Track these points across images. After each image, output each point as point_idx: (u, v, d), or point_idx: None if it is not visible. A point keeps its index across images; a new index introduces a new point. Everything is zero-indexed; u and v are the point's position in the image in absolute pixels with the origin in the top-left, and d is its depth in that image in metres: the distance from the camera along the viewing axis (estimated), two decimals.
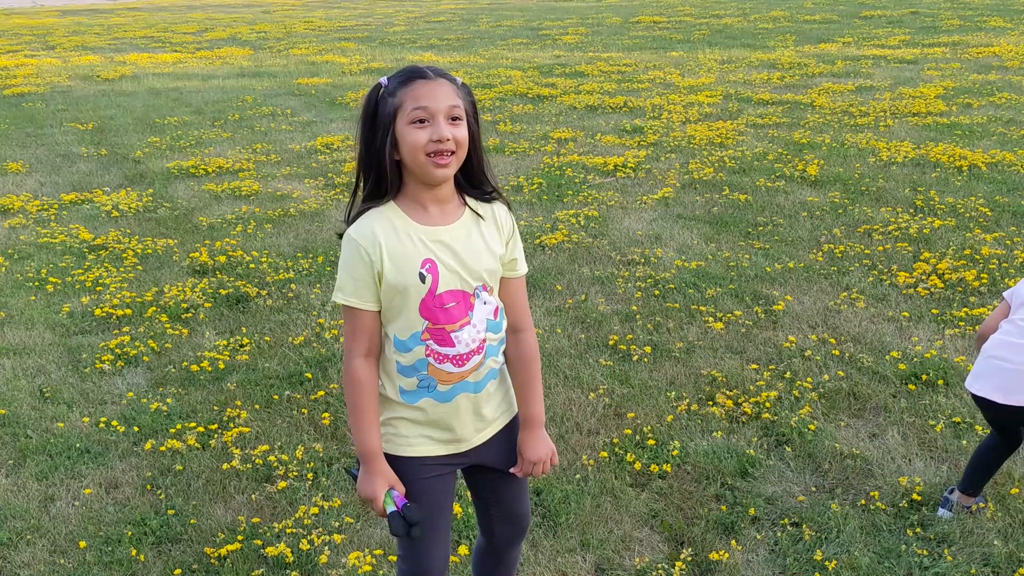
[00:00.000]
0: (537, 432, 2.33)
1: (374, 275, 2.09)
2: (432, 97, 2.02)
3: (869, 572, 3.00)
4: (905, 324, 4.81)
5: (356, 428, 2.19)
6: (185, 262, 6.15)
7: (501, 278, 2.23)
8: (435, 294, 2.10)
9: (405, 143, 2.03)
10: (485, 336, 2.18)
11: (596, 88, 12.58)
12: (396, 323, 2.13)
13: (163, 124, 11.01)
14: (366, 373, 2.16)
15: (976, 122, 9.52)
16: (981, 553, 3.07)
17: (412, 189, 2.11)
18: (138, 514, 3.49)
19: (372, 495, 2.20)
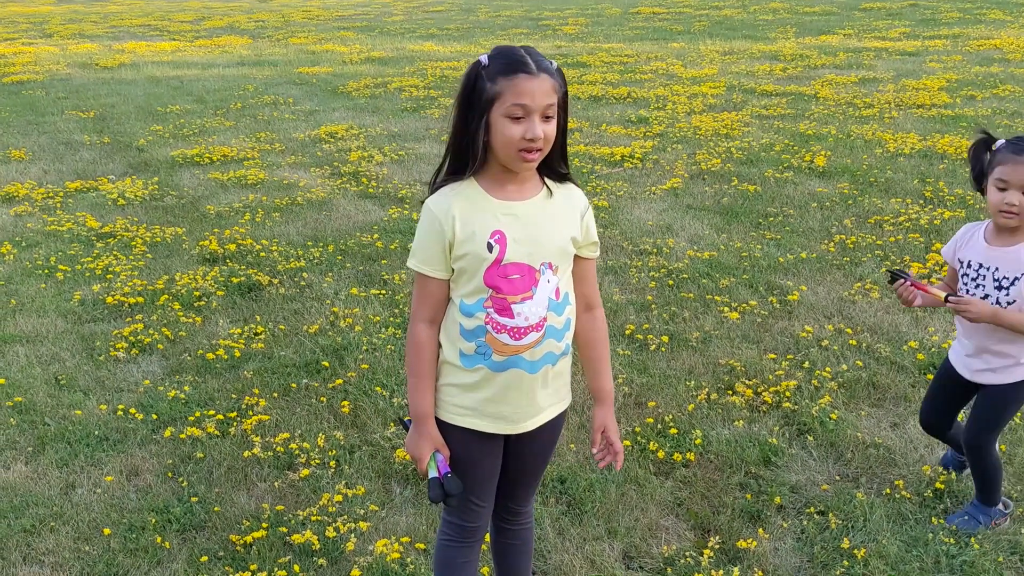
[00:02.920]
0: (611, 406, 2.43)
1: (445, 245, 2.17)
2: (531, 95, 2.06)
3: (897, 560, 3.01)
4: (921, 315, 4.82)
5: (412, 389, 2.28)
6: (195, 250, 6.13)
7: (577, 258, 2.29)
8: (500, 264, 2.16)
9: (499, 134, 2.09)
10: (546, 315, 2.21)
11: (599, 79, 12.55)
12: (463, 288, 2.20)
13: (165, 112, 10.96)
14: (427, 338, 2.25)
15: (981, 114, 9.53)
16: (1008, 542, 3.08)
17: (494, 169, 2.18)
18: (161, 501, 3.48)
19: (418, 455, 2.30)
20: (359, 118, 10.53)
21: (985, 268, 2.86)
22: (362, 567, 3.06)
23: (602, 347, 2.41)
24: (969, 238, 2.95)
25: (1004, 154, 2.75)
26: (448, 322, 2.26)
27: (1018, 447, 3.61)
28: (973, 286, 2.89)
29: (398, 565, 3.06)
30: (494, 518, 2.60)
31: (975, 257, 2.89)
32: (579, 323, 2.35)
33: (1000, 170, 2.73)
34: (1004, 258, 2.82)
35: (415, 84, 12.61)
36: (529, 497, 2.60)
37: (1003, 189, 2.72)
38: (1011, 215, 2.73)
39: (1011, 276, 2.81)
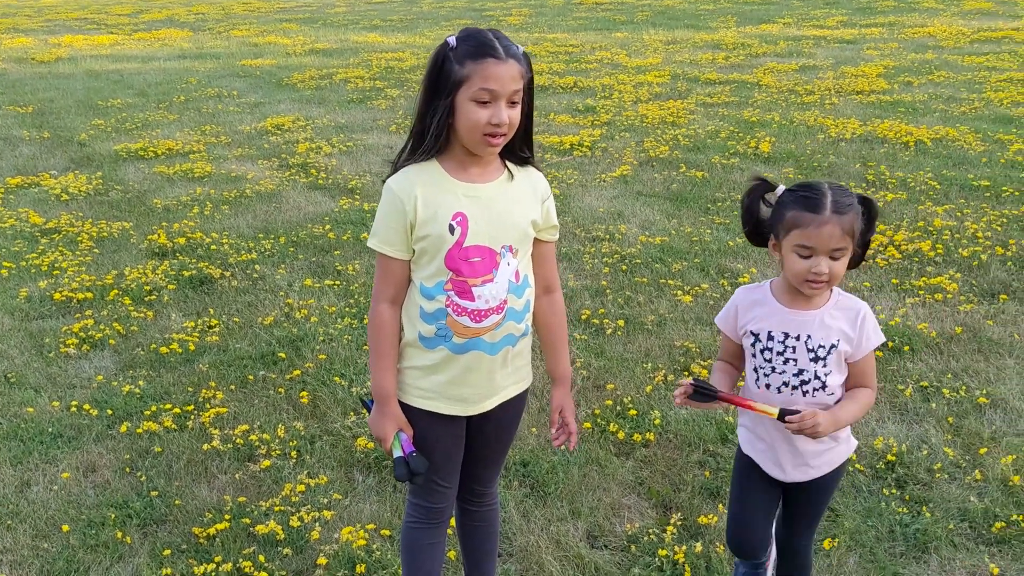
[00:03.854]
0: (568, 387, 2.46)
1: (407, 225, 2.17)
2: (499, 80, 2.06)
3: (854, 531, 3.09)
4: (867, 294, 4.94)
5: (374, 369, 2.29)
6: (143, 244, 6.04)
7: (537, 241, 2.31)
8: (462, 246, 2.17)
9: (464, 117, 2.09)
10: (506, 297, 2.22)
11: (545, 68, 12.59)
12: (424, 271, 2.21)
13: (106, 106, 10.75)
14: (389, 318, 2.26)
15: (918, 99, 9.76)
16: (958, 509, 3.18)
17: (456, 150, 2.19)
18: (120, 496, 3.44)
19: (382, 435, 2.32)
20: (305, 110, 10.44)
21: (794, 338, 2.29)
22: (328, 555, 3.05)
23: (560, 329, 2.44)
24: (756, 304, 2.36)
25: (798, 212, 2.19)
26: (409, 305, 2.27)
27: (965, 419, 3.72)
28: (781, 362, 2.31)
29: (364, 552, 3.07)
30: (459, 500, 2.61)
31: (777, 327, 2.31)
32: (538, 306, 2.37)
33: (800, 235, 2.17)
34: (814, 323, 2.28)
35: (360, 75, 12.53)
36: (493, 478, 2.62)
37: (807, 256, 2.19)
38: (820, 284, 2.21)
39: (827, 343, 2.27)
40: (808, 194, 2.21)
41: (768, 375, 2.34)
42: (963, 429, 3.66)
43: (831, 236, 2.16)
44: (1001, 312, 4.66)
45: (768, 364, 2.33)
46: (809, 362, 2.30)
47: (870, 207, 2.25)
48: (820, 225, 2.15)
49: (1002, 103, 9.42)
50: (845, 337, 2.29)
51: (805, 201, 2.20)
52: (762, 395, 2.35)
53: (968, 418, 3.73)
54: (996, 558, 2.96)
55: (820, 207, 2.16)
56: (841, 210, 2.17)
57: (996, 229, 5.77)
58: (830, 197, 2.18)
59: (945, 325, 4.53)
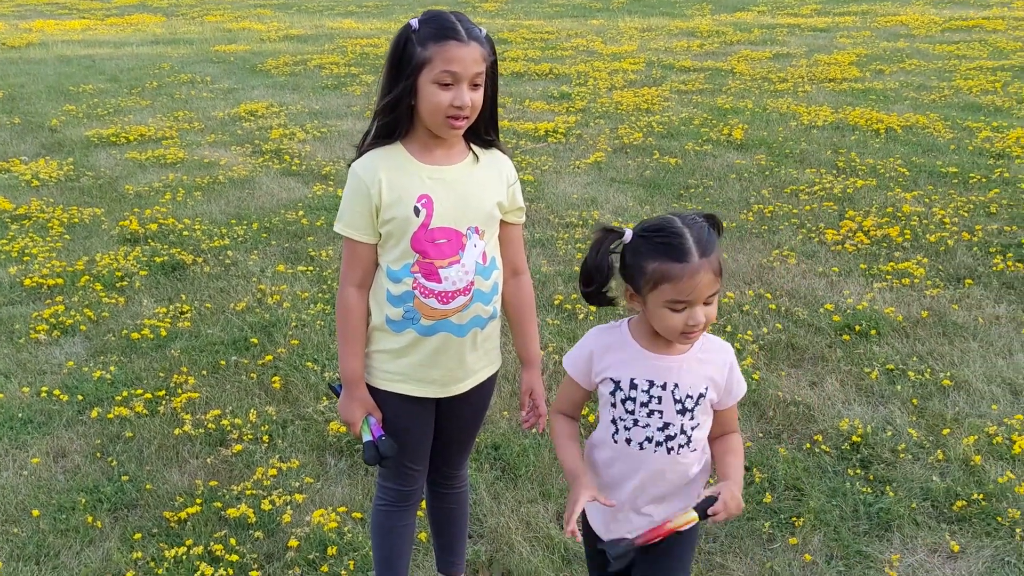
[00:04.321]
0: (538, 370, 2.47)
1: (372, 209, 2.17)
2: (461, 62, 2.06)
3: (819, 510, 3.14)
4: (836, 279, 5.00)
5: (342, 353, 2.30)
6: (114, 231, 6.01)
7: (504, 223, 2.32)
8: (427, 228, 2.18)
9: (427, 100, 2.10)
10: (473, 279, 2.23)
11: (520, 55, 12.58)
12: (390, 254, 2.22)
13: (78, 92, 10.64)
14: (356, 302, 2.26)
15: (889, 87, 9.84)
16: (920, 488, 3.24)
17: (421, 133, 2.20)
18: (90, 481, 3.44)
19: (351, 420, 2.33)
20: (279, 96, 10.39)
21: (659, 387, 2.02)
22: (299, 537, 3.07)
23: (528, 312, 2.44)
24: (613, 348, 2.06)
25: (662, 264, 1.90)
26: (376, 288, 2.27)
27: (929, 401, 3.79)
28: (645, 414, 2.03)
29: (335, 534, 3.09)
30: (429, 483, 2.63)
31: (640, 374, 2.03)
32: (506, 288, 2.38)
33: (672, 289, 1.89)
34: (680, 370, 2.02)
35: (335, 61, 12.47)
36: (463, 461, 2.64)
37: (681, 310, 1.92)
38: (696, 334, 1.98)
39: (695, 392, 2.03)
40: (669, 240, 1.91)
41: (630, 428, 2.06)
42: (927, 411, 3.72)
43: (705, 284, 1.90)
44: (966, 296, 4.73)
45: (630, 416, 2.04)
46: (676, 414, 2.03)
47: (718, 224, 1.99)
48: (692, 275, 1.89)
49: (971, 91, 9.52)
50: (713, 384, 2.06)
51: (668, 250, 1.90)
52: (620, 450, 2.08)
53: (932, 400, 3.79)
54: (956, 535, 3.02)
55: (687, 254, 1.89)
56: (707, 250, 1.91)
57: (963, 215, 5.84)
58: (692, 239, 1.90)
59: (912, 309, 4.60)
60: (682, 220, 1.96)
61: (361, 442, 2.34)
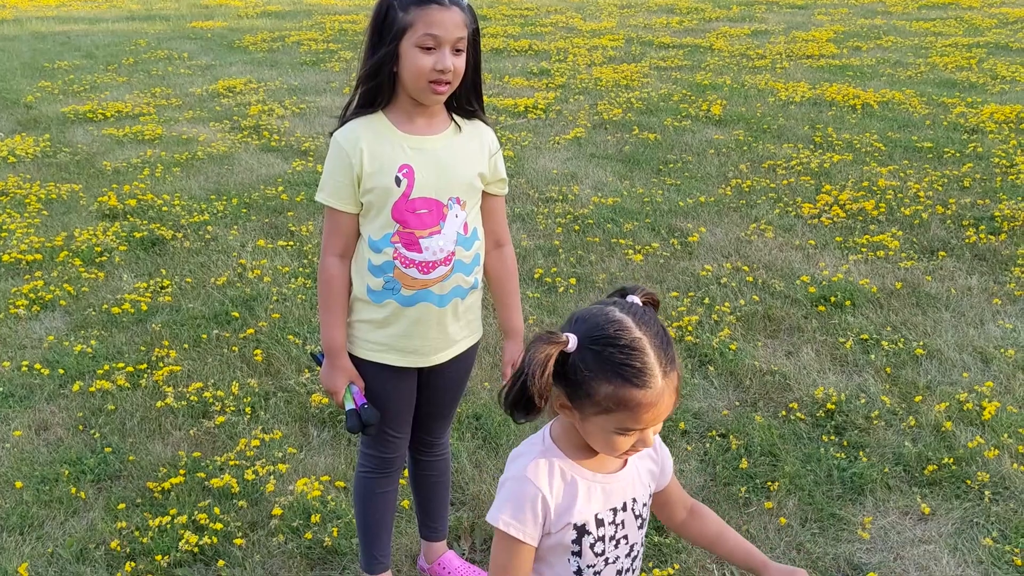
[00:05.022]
0: (520, 341, 2.48)
1: (353, 178, 2.18)
2: (443, 26, 2.07)
3: (793, 475, 3.21)
4: (812, 251, 5.06)
5: (324, 323, 2.31)
6: (93, 207, 5.98)
7: (486, 195, 2.33)
8: (408, 198, 2.18)
9: (409, 65, 2.10)
10: (454, 249, 2.25)
11: (500, 31, 12.55)
12: (371, 224, 2.23)
13: (53, 69, 10.54)
14: (338, 271, 2.27)
15: (866, 64, 9.90)
16: (893, 453, 3.31)
17: (403, 101, 2.20)
18: (73, 453, 3.46)
19: (333, 388, 2.34)
20: (258, 72, 10.33)
21: (622, 510, 1.74)
22: (283, 506, 3.10)
23: (511, 283, 2.45)
24: (563, 486, 1.68)
25: (619, 389, 1.55)
26: (357, 258, 2.28)
27: (902, 369, 3.86)
28: (613, 547, 1.73)
29: (319, 502, 3.12)
30: (412, 451, 2.67)
31: (602, 505, 1.71)
32: (488, 260, 2.39)
33: (626, 417, 1.57)
34: (629, 479, 1.75)
35: (314, 38, 12.40)
36: (444, 429, 2.67)
37: (631, 434, 1.60)
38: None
39: (645, 497, 1.79)
40: (628, 361, 1.54)
41: (600, 572, 1.73)
42: (900, 379, 3.79)
43: (667, 407, 1.59)
44: (939, 268, 4.81)
45: (600, 558, 1.72)
46: (637, 530, 1.76)
47: (656, 303, 1.72)
48: (655, 402, 1.56)
49: (947, 67, 9.60)
50: (652, 476, 1.82)
51: (626, 372, 1.54)
52: None
53: (905, 368, 3.87)
54: (927, 498, 3.10)
55: (650, 377, 1.55)
56: (671, 363, 1.58)
57: (937, 189, 5.92)
58: (653, 352, 1.55)
59: (886, 281, 4.67)
60: (636, 322, 1.57)
61: (344, 410, 2.36)
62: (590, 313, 1.63)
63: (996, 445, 3.31)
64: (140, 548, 2.94)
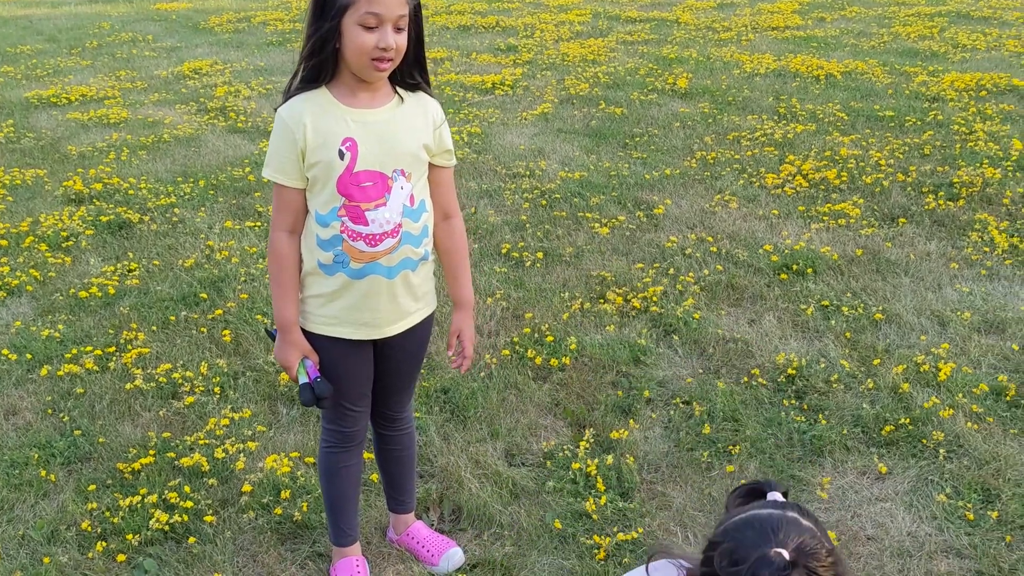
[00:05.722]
0: (470, 313, 2.52)
1: (298, 153, 2.20)
2: (385, 5, 2.09)
3: (754, 439, 3.28)
4: (775, 221, 5.13)
5: (275, 298, 2.34)
6: (58, 192, 5.95)
7: (433, 166, 2.36)
8: (352, 172, 2.21)
9: (351, 42, 2.12)
10: (401, 221, 2.28)
11: (467, 8, 12.51)
12: (317, 199, 2.25)
13: (15, 53, 10.41)
14: (287, 247, 2.30)
15: (830, 35, 9.97)
16: (851, 415, 3.39)
17: (346, 77, 2.22)
18: (42, 437, 3.47)
19: (286, 363, 2.38)
20: (223, 53, 10.25)
21: None
22: (253, 483, 3.13)
23: (460, 255, 2.49)
24: None
25: None
26: (306, 234, 2.30)
27: (861, 334, 3.93)
28: None
29: (288, 478, 3.16)
30: (375, 426, 2.70)
31: None
32: (437, 231, 2.42)
33: None
34: None
35: (280, 18, 12.31)
36: (406, 403, 2.69)
37: None
38: None
39: None
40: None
41: None
42: (859, 343, 3.87)
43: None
44: (900, 235, 4.89)
45: None
46: None
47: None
48: None
49: (909, 36, 9.68)
50: None
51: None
52: None
53: (864, 333, 3.94)
54: (884, 458, 3.18)
55: None
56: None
57: (898, 157, 6.00)
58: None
59: (847, 248, 4.74)
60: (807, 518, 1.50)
61: (298, 384, 2.40)
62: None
63: (951, 405, 3.39)
64: (111, 528, 2.97)
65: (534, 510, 3.00)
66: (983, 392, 3.48)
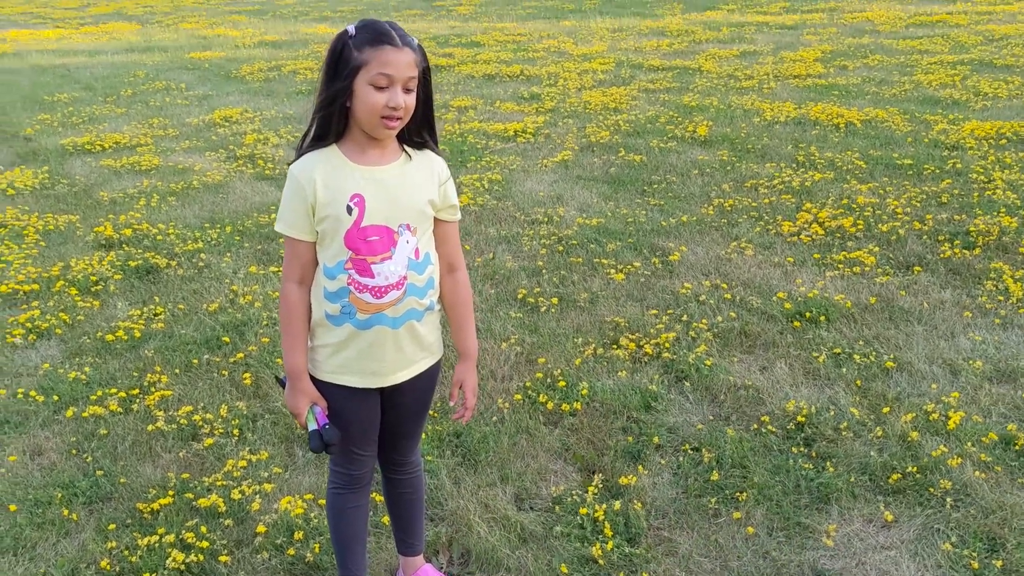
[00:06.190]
0: (473, 364, 2.60)
1: (308, 208, 2.30)
2: (395, 66, 2.20)
3: (762, 486, 3.31)
4: (790, 268, 5.17)
5: (285, 347, 2.43)
6: (89, 237, 6.12)
7: (438, 220, 2.45)
8: (360, 226, 2.30)
9: (363, 101, 2.23)
10: (406, 274, 2.36)
11: (493, 57, 12.74)
12: (326, 252, 2.34)
13: (53, 101, 10.73)
14: (297, 298, 2.39)
15: (851, 83, 10.05)
16: (859, 463, 3.41)
17: (356, 135, 2.32)
18: (66, 477, 3.56)
19: (296, 410, 2.46)
20: (253, 101, 10.50)
21: None
22: (267, 524, 3.21)
23: (464, 307, 2.56)
24: None
25: None
26: (315, 286, 2.39)
27: (872, 382, 3.96)
28: None
29: (302, 520, 3.22)
30: (383, 470, 2.77)
31: None
32: (442, 283, 2.51)
33: None
34: None
35: (309, 67, 12.59)
36: (412, 448, 2.76)
37: None
38: None
39: None
40: None
41: None
42: (870, 391, 3.89)
43: None
44: (914, 283, 4.92)
45: None
46: None
47: None
48: None
49: (931, 85, 9.74)
50: None
51: None
52: None
53: (875, 381, 3.97)
54: (891, 506, 3.19)
55: None
56: None
57: (915, 205, 6.03)
58: None
59: (861, 296, 4.77)
60: None
61: (307, 431, 2.47)
62: None
63: (959, 453, 3.41)
64: (129, 567, 3.04)
65: (541, 555, 3.04)
66: (992, 441, 3.49)
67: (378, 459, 2.72)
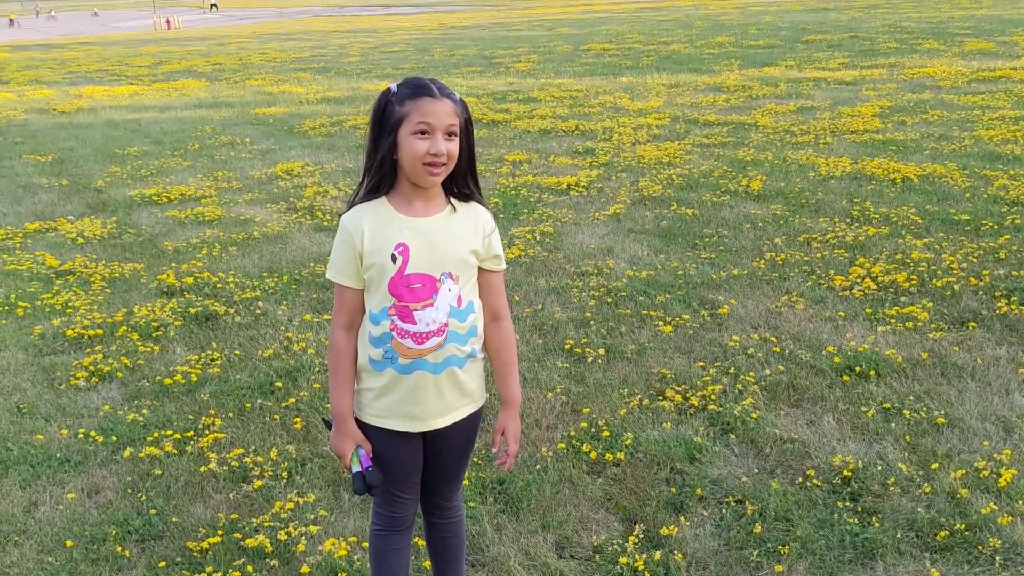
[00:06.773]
0: (516, 411, 2.65)
1: (356, 256, 2.41)
2: (435, 114, 2.31)
3: (805, 540, 3.27)
4: (841, 323, 5.14)
5: (332, 391, 2.53)
6: (153, 284, 6.33)
7: (483, 270, 2.53)
8: (403, 274, 2.40)
9: (406, 150, 2.34)
10: (447, 321, 2.44)
11: (549, 113, 12.93)
12: (372, 298, 2.44)
13: (123, 154, 11.15)
14: (344, 343, 2.49)
15: (910, 138, 9.99)
16: (906, 519, 3.36)
17: (404, 186, 2.43)
18: (121, 515, 3.67)
19: (341, 452, 2.55)
20: (315, 155, 10.79)
21: None
22: (312, 565, 3.26)
23: (507, 355, 2.62)
24: None
25: None
26: (361, 331, 2.49)
27: (922, 438, 3.90)
28: None
29: (346, 562, 3.28)
30: (425, 514, 2.82)
31: None
32: (487, 332, 2.57)
33: None
34: None
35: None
36: (454, 492, 2.81)
37: None
38: None
39: None
40: None
41: None
42: (919, 447, 3.84)
43: None
44: (968, 339, 4.85)
45: None
46: None
47: None
48: None
49: (991, 140, 9.64)
50: None
51: None
52: None
53: (925, 437, 3.91)
54: (938, 564, 3.14)
55: None
56: None
57: (972, 261, 5.96)
58: None
59: (913, 351, 4.72)
60: None
61: (351, 473, 2.54)
62: None
63: (1010, 511, 3.34)
64: None
65: None
66: None
67: (420, 503, 2.78)
